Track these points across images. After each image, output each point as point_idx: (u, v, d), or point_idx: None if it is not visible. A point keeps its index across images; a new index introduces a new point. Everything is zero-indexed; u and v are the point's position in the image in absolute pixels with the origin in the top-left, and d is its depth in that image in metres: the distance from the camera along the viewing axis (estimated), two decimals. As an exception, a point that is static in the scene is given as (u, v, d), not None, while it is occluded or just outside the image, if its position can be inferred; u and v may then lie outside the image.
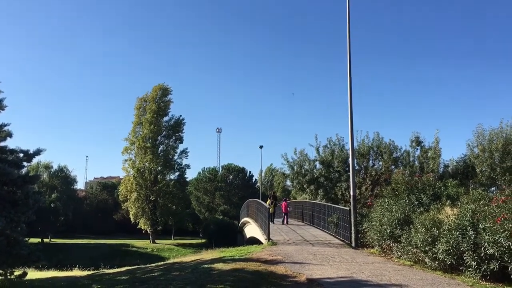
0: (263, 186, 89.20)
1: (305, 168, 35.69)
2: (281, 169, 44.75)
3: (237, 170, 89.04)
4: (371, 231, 16.63)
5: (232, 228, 60.97)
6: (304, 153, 36.12)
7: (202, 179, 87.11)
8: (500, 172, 27.79)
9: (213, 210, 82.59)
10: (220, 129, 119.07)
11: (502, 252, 9.73)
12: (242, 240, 39.98)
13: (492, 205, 10.95)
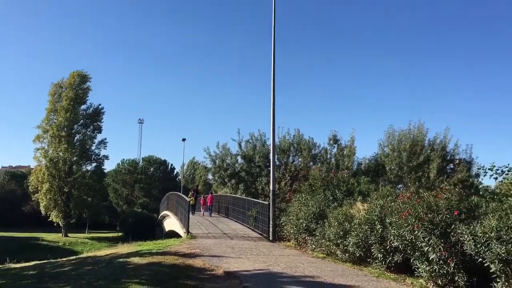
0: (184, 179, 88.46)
1: (227, 162, 35.93)
2: (203, 163, 44.70)
3: (159, 163, 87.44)
4: (288, 225, 17.17)
5: (151, 222, 59.79)
6: (227, 148, 36.38)
7: (121, 171, 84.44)
8: (407, 171, 29.92)
9: (132, 203, 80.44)
10: (142, 120, 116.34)
11: (405, 245, 10.51)
12: (161, 234, 39.40)
13: (398, 201, 11.77)
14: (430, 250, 9.58)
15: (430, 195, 10.92)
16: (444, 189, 11.63)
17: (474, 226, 9.00)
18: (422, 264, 9.91)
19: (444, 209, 9.96)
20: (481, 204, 10.48)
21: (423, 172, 29.51)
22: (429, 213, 10.01)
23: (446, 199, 10.21)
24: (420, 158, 29.80)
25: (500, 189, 11.98)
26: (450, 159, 31.01)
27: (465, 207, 10.13)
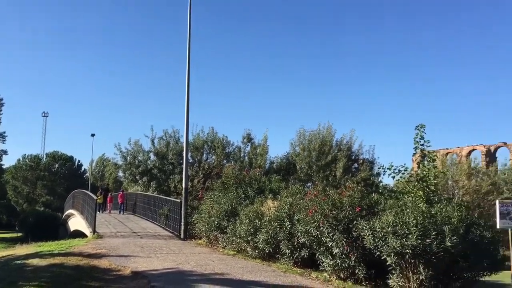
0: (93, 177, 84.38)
1: (138, 159, 34.93)
2: (113, 160, 42.97)
3: (64, 159, 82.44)
4: (200, 222, 17.09)
5: (55, 221, 56.16)
6: (139, 144, 35.36)
7: (21, 167, 78.37)
8: (316, 170, 31.21)
9: (34, 201, 75.00)
10: (47, 113, 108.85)
11: (312, 241, 10.96)
12: (66, 234, 37.25)
13: (306, 199, 12.24)
14: (334, 245, 10.09)
15: (335, 193, 11.51)
16: (348, 187, 12.30)
17: (373, 221, 9.61)
18: (326, 259, 10.41)
19: (348, 206, 10.53)
20: (380, 201, 11.23)
21: (331, 171, 30.97)
22: (333, 210, 10.53)
23: (349, 197, 10.80)
24: (328, 157, 31.22)
25: (397, 187, 12.92)
26: (355, 159, 32.89)
27: (366, 204, 10.79)
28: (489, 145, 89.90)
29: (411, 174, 11.94)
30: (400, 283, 8.98)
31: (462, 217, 9.49)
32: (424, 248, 8.56)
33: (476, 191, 37.34)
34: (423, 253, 8.59)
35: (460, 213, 9.53)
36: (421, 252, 8.58)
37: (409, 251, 8.58)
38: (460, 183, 39.00)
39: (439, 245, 8.55)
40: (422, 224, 8.80)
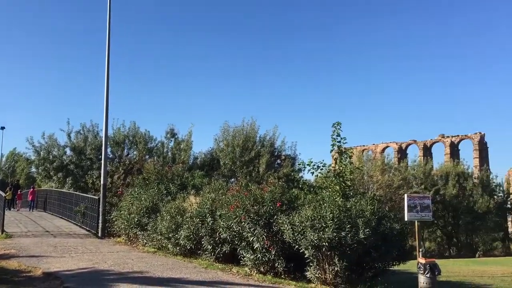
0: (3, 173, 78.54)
1: (53, 154, 32.99)
2: (26, 155, 40.26)
3: (-31, 153, 75.78)
4: (119, 220, 16.51)
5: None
6: (54, 138, 33.39)
7: None
8: (240, 165, 31.44)
9: None
10: None
11: (233, 236, 11.01)
12: (-31, 235, 34.27)
13: (228, 195, 12.27)
14: (255, 239, 10.22)
15: (257, 189, 11.65)
16: (269, 182, 12.51)
17: (293, 216, 9.87)
18: (247, 253, 10.51)
19: (269, 201, 10.69)
20: (300, 196, 11.56)
21: (254, 167, 31.34)
22: (255, 205, 10.65)
23: (270, 192, 10.98)
24: (252, 153, 31.57)
25: (316, 182, 13.38)
26: (277, 155, 33.56)
27: (287, 199, 11.04)
28: (401, 143, 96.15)
29: (329, 170, 12.41)
30: (317, 275, 9.31)
31: (374, 210, 10.02)
32: (339, 240, 8.94)
33: (388, 185, 39.72)
34: (338, 245, 8.97)
35: (372, 207, 10.06)
36: (337, 244, 8.96)
37: (326, 244, 8.92)
38: (374, 178, 41.25)
39: (353, 237, 8.98)
40: (338, 218, 9.19)
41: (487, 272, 19.15)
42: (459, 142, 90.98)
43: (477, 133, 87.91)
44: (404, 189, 38.13)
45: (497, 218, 44.92)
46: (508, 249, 45.15)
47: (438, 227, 42.63)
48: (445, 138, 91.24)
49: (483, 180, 47.78)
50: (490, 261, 27.81)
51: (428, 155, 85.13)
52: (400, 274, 13.57)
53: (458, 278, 16.63)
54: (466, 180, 44.01)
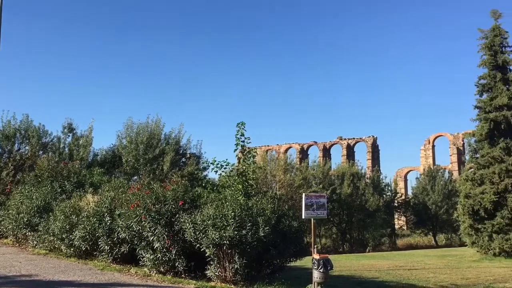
0: None
1: None
2: None
3: None
4: (7, 220, 15.25)
5: None
6: None
7: None
8: (143, 163, 30.53)
9: None
10: None
11: (132, 236, 10.69)
12: None
13: (129, 193, 11.89)
14: (155, 239, 10.03)
15: (159, 187, 11.43)
16: (172, 181, 12.35)
17: (195, 215, 9.85)
18: (147, 253, 10.29)
19: (171, 200, 10.55)
20: (203, 194, 11.57)
21: (158, 165, 30.62)
22: (157, 204, 10.45)
23: (173, 190, 10.84)
24: (156, 151, 30.81)
25: (220, 181, 13.47)
26: (182, 153, 33.15)
27: (190, 198, 10.98)
28: (303, 144, 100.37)
29: (232, 169, 12.56)
30: (217, 273, 9.40)
31: (274, 209, 10.36)
32: (240, 238, 9.10)
33: (290, 184, 41.19)
34: (239, 243, 9.14)
35: (273, 205, 10.39)
36: (238, 242, 9.12)
37: (227, 242, 9.03)
38: (277, 177, 42.53)
39: (254, 235, 9.20)
40: (240, 216, 9.36)
41: (375, 266, 20.72)
42: (354, 144, 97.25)
43: (370, 136, 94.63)
44: (304, 188, 39.76)
45: (385, 215, 48.69)
46: (394, 244, 49.21)
47: (334, 224, 45.09)
48: (342, 140, 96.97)
49: (374, 180, 51.52)
50: (378, 255, 30.09)
51: (327, 156, 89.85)
52: (297, 270, 14.14)
53: (349, 272, 17.77)
54: (360, 180, 47.10)
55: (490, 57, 25.66)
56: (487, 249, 23.35)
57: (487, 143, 24.95)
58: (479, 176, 24.68)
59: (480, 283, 14.71)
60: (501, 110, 24.42)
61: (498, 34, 25.86)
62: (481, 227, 23.56)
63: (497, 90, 25.13)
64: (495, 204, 23.19)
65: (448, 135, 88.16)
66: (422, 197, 52.64)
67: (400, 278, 15.76)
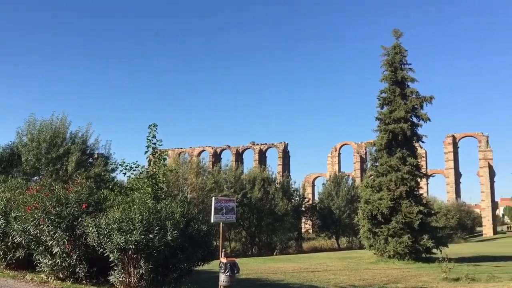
0: None
1: None
2: None
3: None
4: None
5: None
6: None
7: None
8: (45, 162, 28.66)
9: None
10: None
11: (29, 240, 10.03)
12: None
13: (26, 194, 11.12)
14: (55, 244, 9.50)
15: (62, 188, 10.83)
16: (76, 182, 11.78)
17: (99, 218, 9.47)
18: (44, 259, 9.72)
19: (74, 202, 10.05)
20: (110, 197, 11.17)
21: (62, 165, 28.93)
22: (57, 207, 9.89)
23: (76, 192, 10.34)
24: (60, 150, 29.08)
25: (128, 183, 13.08)
26: (90, 153, 31.63)
27: (94, 201, 10.54)
28: (216, 147, 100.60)
29: (142, 171, 12.26)
30: (121, 279, 9.13)
31: (184, 212, 10.29)
32: (147, 243, 8.92)
33: (201, 188, 41.05)
34: (145, 248, 8.95)
35: (182, 209, 10.31)
36: (144, 246, 8.93)
37: (133, 247, 8.81)
38: (189, 180, 42.17)
39: (161, 239, 9.06)
40: (147, 220, 9.17)
41: (281, 268, 21.35)
42: (267, 149, 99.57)
43: (282, 142, 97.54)
44: (216, 192, 39.88)
45: (293, 219, 50.46)
46: (300, 247, 51.09)
47: (243, 228, 45.74)
48: (255, 145, 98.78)
49: (284, 185, 53.16)
50: (284, 258, 31.02)
51: (239, 160, 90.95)
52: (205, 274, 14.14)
53: (256, 275, 18.13)
54: (270, 185, 48.29)
55: (391, 73, 27.71)
56: (383, 252, 25.09)
57: (386, 153, 26.87)
58: (378, 183, 26.48)
59: (376, 283, 15.79)
60: (399, 122, 26.44)
61: (398, 52, 28.00)
62: (378, 231, 25.25)
63: (396, 103, 27.19)
64: (391, 210, 25.02)
65: (353, 143, 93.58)
66: (327, 202, 55.33)
67: (303, 280, 16.42)
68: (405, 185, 25.59)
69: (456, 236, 57.89)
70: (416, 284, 15.50)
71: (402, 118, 26.57)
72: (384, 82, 28.09)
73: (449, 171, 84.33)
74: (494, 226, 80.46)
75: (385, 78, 27.91)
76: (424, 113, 27.20)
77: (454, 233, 58.04)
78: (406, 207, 24.90)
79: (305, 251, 48.44)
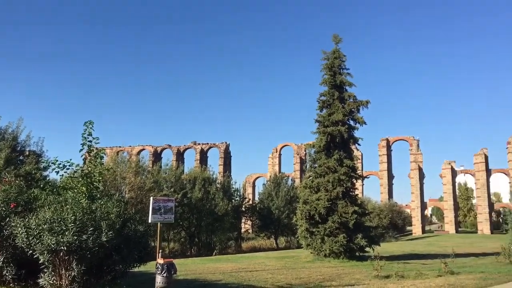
0: None
1: None
2: None
3: None
4: None
5: None
6: None
7: None
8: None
9: None
10: None
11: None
12: None
13: None
14: (-21, 246, 8.95)
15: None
16: (4, 180, 11.16)
17: (29, 218, 9.04)
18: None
19: (1, 201, 9.55)
20: (41, 196, 10.67)
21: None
22: (-18, 207, 9.34)
23: (4, 191, 9.82)
24: (-13, 146, 27.38)
25: (62, 182, 12.55)
26: (20, 150, 29.98)
27: (24, 200, 10.06)
28: (156, 146, 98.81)
29: (76, 170, 11.82)
30: (51, 281, 8.76)
31: (120, 213, 10.04)
32: (80, 244, 8.63)
33: (140, 188, 40.11)
34: (78, 249, 8.65)
35: (119, 209, 10.06)
36: (77, 248, 8.63)
37: (64, 248, 8.49)
38: (127, 180, 41.07)
39: (95, 241, 8.80)
40: (81, 220, 8.87)
41: (220, 268, 21.35)
42: (208, 149, 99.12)
43: (224, 142, 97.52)
44: (155, 192, 39.10)
45: (233, 219, 50.56)
46: (239, 247, 51.29)
47: (183, 228, 45.20)
48: (196, 145, 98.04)
49: (225, 185, 53.15)
50: (223, 258, 31.02)
51: (180, 160, 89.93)
52: (142, 276, 13.86)
53: (194, 275, 18.01)
54: (211, 185, 48.07)
55: (330, 77, 28.57)
56: (320, 251, 25.79)
57: (324, 154, 27.66)
58: (316, 184, 27.20)
59: (311, 282, 16.21)
60: (337, 125, 27.32)
61: (337, 57, 28.92)
62: (315, 231, 25.94)
63: (334, 107, 28.08)
64: (328, 210, 25.79)
65: (293, 145, 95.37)
66: (267, 202, 55.97)
67: (241, 280, 16.53)
68: (341, 186, 26.47)
69: (388, 235, 60.56)
70: (350, 282, 16.07)
71: (340, 121, 27.46)
72: (323, 85, 28.90)
73: (382, 173, 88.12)
74: (423, 225, 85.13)
75: (325, 82, 28.72)
76: (360, 116, 28.27)
77: (386, 232, 60.67)
78: (342, 207, 25.77)
79: (244, 251, 48.71)
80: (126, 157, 52.70)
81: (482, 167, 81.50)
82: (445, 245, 42.19)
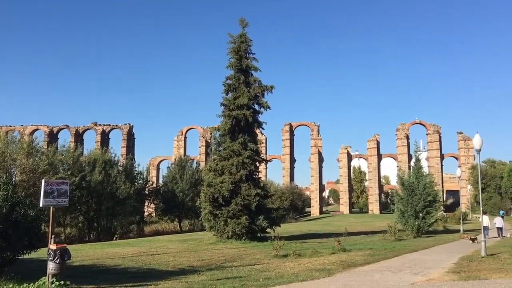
0: None
1: None
2: None
3: None
4: None
5: None
6: None
7: None
8: None
9: None
10: None
11: None
12: None
13: None
14: None
15: None
16: None
17: None
18: None
19: None
20: None
21: None
22: None
23: None
24: None
25: None
26: None
27: None
28: (52, 126, 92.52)
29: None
30: None
31: (7, 196, 9.36)
32: (-41, 230, 7.88)
33: (33, 170, 37.39)
34: (-43, 236, 7.90)
35: (6, 192, 9.36)
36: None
37: None
38: (18, 161, 38.02)
39: (-22, 227, 8.10)
40: (-40, 205, 8.08)
41: (119, 253, 20.77)
42: (110, 131, 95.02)
43: (127, 124, 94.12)
44: (50, 175, 36.65)
45: (136, 203, 49.27)
46: (142, 231, 50.20)
47: (81, 212, 43.09)
48: (97, 126, 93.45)
49: (127, 168, 51.47)
50: (124, 243, 30.19)
51: (79, 141, 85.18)
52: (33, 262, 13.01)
53: (91, 261, 17.35)
54: (112, 168, 46.24)
55: (236, 61, 28.75)
56: (222, 233, 26.18)
57: (229, 138, 27.92)
58: (220, 167, 27.42)
59: (213, 263, 16.46)
60: (242, 109, 27.66)
61: (244, 41, 29.12)
62: (219, 213, 26.24)
63: (240, 90, 28.36)
64: (232, 193, 26.19)
65: (199, 128, 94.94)
66: (171, 185, 55.35)
67: (142, 264, 16.27)
68: (245, 169, 26.98)
69: (288, 217, 63.22)
70: (250, 262, 16.58)
71: (245, 105, 27.83)
72: (230, 69, 29.03)
73: (285, 157, 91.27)
74: (320, 206, 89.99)
75: (231, 65, 28.86)
76: (265, 101, 28.89)
77: (287, 213, 63.27)
78: (245, 190, 26.32)
79: (147, 234, 47.86)
80: (17, 138, 48.72)
81: (374, 152, 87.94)
82: (340, 224, 45.13)
